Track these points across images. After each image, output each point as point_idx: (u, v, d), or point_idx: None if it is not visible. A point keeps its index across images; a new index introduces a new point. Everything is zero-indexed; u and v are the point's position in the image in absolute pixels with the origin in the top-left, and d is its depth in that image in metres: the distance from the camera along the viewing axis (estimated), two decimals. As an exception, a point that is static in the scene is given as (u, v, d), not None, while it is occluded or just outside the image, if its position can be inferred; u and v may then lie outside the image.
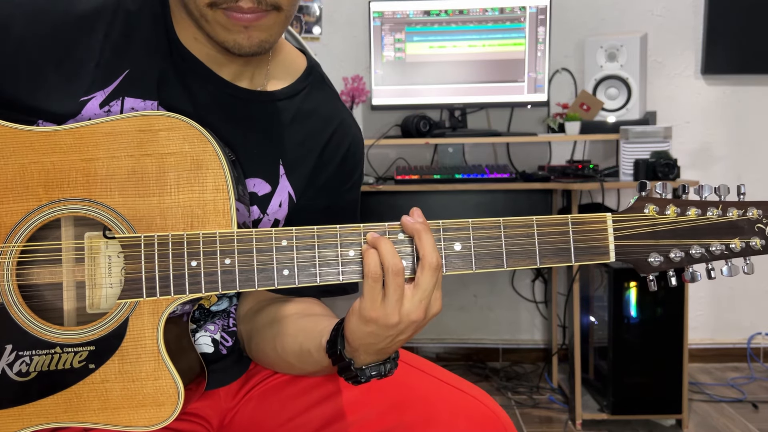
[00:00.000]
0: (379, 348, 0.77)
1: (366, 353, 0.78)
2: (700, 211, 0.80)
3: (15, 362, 0.80)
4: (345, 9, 2.93)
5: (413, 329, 0.76)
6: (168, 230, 0.79)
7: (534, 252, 0.79)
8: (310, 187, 0.99)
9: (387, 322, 0.74)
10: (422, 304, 0.75)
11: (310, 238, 0.78)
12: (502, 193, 2.54)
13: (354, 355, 0.79)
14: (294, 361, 0.90)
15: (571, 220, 0.79)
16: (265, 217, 0.96)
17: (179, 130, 0.80)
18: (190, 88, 0.91)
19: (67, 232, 0.83)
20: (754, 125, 2.95)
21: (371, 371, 0.80)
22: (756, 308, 3.00)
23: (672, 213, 0.80)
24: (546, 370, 2.85)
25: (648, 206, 0.80)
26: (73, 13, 0.87)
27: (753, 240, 0.80)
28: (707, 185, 0.81)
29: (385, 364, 0.80)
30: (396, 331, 0.75)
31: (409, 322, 0.75)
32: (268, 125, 0.96)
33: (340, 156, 1.02)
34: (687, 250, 0.80)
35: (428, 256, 0.74)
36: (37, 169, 0.81)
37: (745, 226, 0.80)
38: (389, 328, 0.75)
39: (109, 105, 0.88)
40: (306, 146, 0.99)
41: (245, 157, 0.93)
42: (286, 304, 0.96)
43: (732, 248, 0.80)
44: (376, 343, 0.77)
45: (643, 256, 0.80)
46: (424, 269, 0.74)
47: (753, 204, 0.81)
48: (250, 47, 0.86)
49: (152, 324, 0.79)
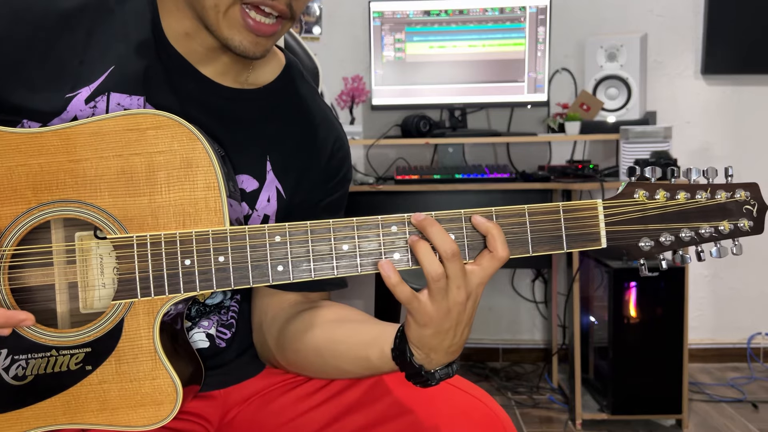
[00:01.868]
0: (447, 346, 0.79)
1: (437, 355, 0.79)
2: (689, 194, 0.81)
3: (11, 366, 0.80)
4: (345, 9, 2.93)
5: (464, 313, 0.77)
6: (160, 230, 0.79)
7: (526, 240, 0.79)
8: (298, 183, 0.99)
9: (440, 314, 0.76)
10: (461, 290, 0.76)
11: (303, 233, 0.78)
12: (502, 193, 2.54)
13: (426, 360, 0.80)
14: (350, 368, 0.90)
15: (562, 208, 0.79)
16: (254, 213, 0.96)
17: (168, 128, 0.80)
18: (175, 85, 0.91)
19: (57, 234, 0.82)
20: (754, 125, 2.94)
21: (441, 374, 0.81)
22: (756, 308, 3.00)
23: (661, 197, 0.80)
24: (546, 370, 2.84)
25: (638, 191, 0.80)
26: (56, 10, 0.87)
27: (741, 221, 0.81)
28: (695, 168, 0.81)
29: (452, 366, 0.82)
30: (450, 322, 0.77)
31: (457, 306, 0.76)
32: (253, 122, 0.96)
33: (327, 151, 1.02)
34: (677, 234, 0.80)
35: (443, 246, 0.76)
36: (24, 171, 0.80)
37: (733, 207, 0.81)
38: (443, 320, 0.76)
39: (94, 101, 0.87)
40: (292, 140, 0.99)
41: (232, 155, 0.93)
42: (321, 310, 0.95)
43: (721, 230, 0.81)
44: (442, 342, 0.78)
45: (633, 241, 0.80)
46: (447, 261, 0.76)
47: (740, 186, 0.82)
48: (255, 53, 0.86)
49: (148, 324, 0.79)
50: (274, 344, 0.98)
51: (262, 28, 0.84)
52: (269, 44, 0.87)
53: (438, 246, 0.75)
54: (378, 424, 0.90)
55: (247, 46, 0.85)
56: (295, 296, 0.99)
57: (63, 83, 0.86)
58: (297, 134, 0.99)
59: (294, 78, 1.02)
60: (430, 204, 2.53)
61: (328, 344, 0.90)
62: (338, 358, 0.90)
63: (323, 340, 0.91)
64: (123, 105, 0.88)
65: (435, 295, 0.76)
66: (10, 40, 0.85)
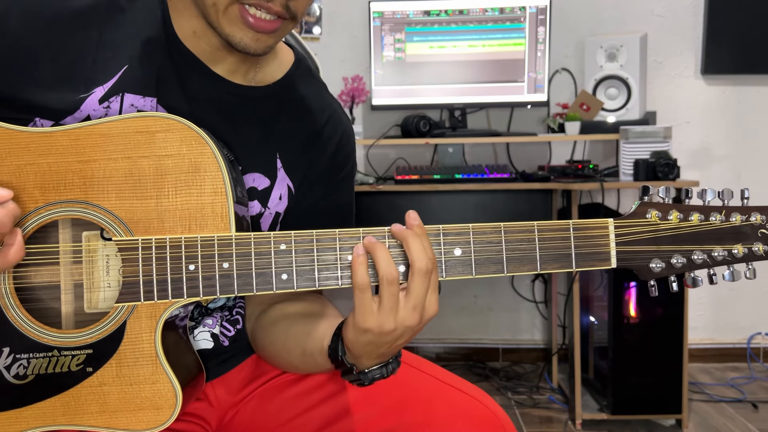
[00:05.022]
0: (380, 353, 0.78)
1: (368, 358, 0.78)
2: (702, 216, 0.79)
3: (12, 365, 0.80)
4: (345, 9, 2.93)
5: (410, 333, 0.76)
6: (166, 233, 0.79)
7: (535, 258, 0.78)
8: (306, 179, 0.99)
9: (382, 330, 0.74)
10: (416, 311, 0.74)
11: (308, 242, 0.78)
12: (502, 193, 2.54)
13: (356, 361, 0.79)
14: (298, 363, 0.91)
15: (572, 226, 0.78)
16: (266, 211, 0.96)
17: (177, 131, 0.80)
18: (186, 85, 0.91)
19: (65, 234, 0.82)
20: (754, 125, 2.94)
21: (374, 374, 0.80)
22: (756, 308, 3.00)
23: (675, 218, 0.79)
24: (546, 370, 2.85)
25: (650, 211, 0.79)
26: (69, 9, 0.87)
27: (756, 245, 0.79)
28: (710, 189, 0.80)
29: (388, 366, 0.81)
30: (393, 337, 0.75)
31: (405, 328, 0.75)
32: (264, 119, 0.96)
33: (333, 146, 1.02)
34: (689, 256, 0.79)
35: (417, 261, 0.74)
36: (33, 170, 0.80)
37: (748, 231, 0.79)
38: (385, 335, 0.75)
39: (108, 101, 0.87)
40: (300, 138, 0.99)
41: (243, 153, 0.93)
42: (288, 303, 0.96)
43: (734, 254, 0.79)
44: (376, 349, 0.77)
45: (644, 262, 0.79)
46: (414, 275, 0.74)
47: (757, 209, 0.80)
48: (255, 49, 0.86)
49: (150, 327, 0.79)
50: (251, 333, 1.00)
51: (262, 25, 0.84)
52: (271, 41, 0.87)
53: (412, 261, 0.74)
54: (378, 425, 0.90)
55: (248, 42, 0.85)
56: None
57: (76, 82, 0.86)
58: (305, 130, 1.00)
59: (302, 74, 1.02)
60: (430, 204, 2.53)
61: (283, 337, 0.91)
62: (289, 353, 0.90)
63: (280, 333, 0.92)
64: (136, 106, 0.88)
65: (385, 303, 0.74)
66: (23, 39, 0.85)
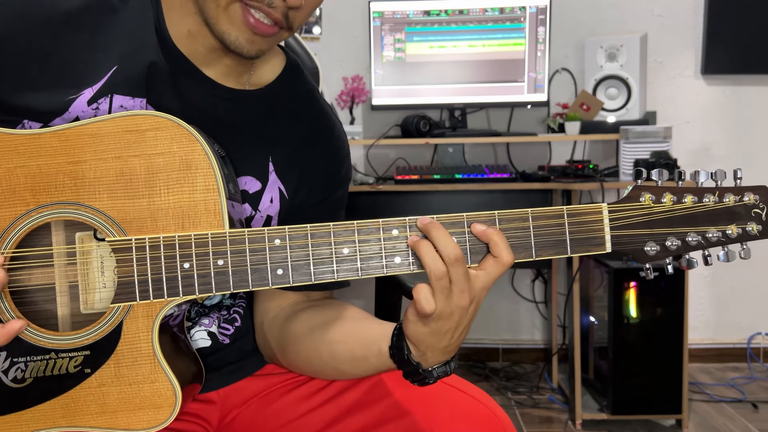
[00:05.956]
0: (444, 346, 0.78)
1: (433, 354, 0.79)
2: (696, 197, 0.79)
3: (10, 369, 0.80)
4: (345, 9, 2.93)
5: (469, 316, 0.77)
6: (159, 232, 0.79)
7: (530, 244, 0.78)
8: (301, 183, 0.99)
9: (441, 315, 0.76)
10: (464, 294, 0.76)
11: (303, 236, 0.78)
12: (502, 193, 2.54)
13: (422, 358, 0.80)
14: (347, 368, 0.90)
15: (566, 212, 0.78)
16: (257, 214, 0.96)
17: (167, 129, 0.79)
18: (178, 86, 0.91)
19: (58, 236, 0.82)
20: (754, 125, 2.94)
21: (438, 372, 0.81)
22: (756, 308, 2.99)
23: (668, 201, 0.79)
24: (546, 370, 2.85)
25: (644, 195, 0.79)
26: (60, 10, 0.86)
27: (750, 225, 0.79)
28: (703, 171, 0.79)
29: (450, 364, 0.81)
30: (453, 323, 0.76)
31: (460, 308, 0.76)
32: (256, 123, 0.96)
33: (328, 150, 1.02)
34: (683, 238, 0.79)
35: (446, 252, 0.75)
36: (23, 173, 0.79)
37: (741, 211, 0.79)
38: (445, 319, 0.76)
39: (97, 102, 0.87)
40: (293, 141, 0.98)
41: (234, 156, 0.93)
42: (320, 310, 0.95)
43: (729, 234, 0.79)
44: (440, 341, 0.78)
45: (639, 246, 0.79)
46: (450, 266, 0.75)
47: (750, 189, 0.80)
48: (248, 51, 0.86)
49: (147, 327, 0.79)
50: (275, 344, 0.98)
51: (261, 27, 0.84)
52: (265, 46, 0.87)
53: (441, 250, 0.75)
54: (378, 426, 0.90)
55: (242, 42, 0.85)
56: (297, 296, 0.99)
57: (66, 84, 0.86)
58: (298, 134, 0.99)
59: (294, 77, 1.02)
60: (430, 204, 2.53)
61: (327, 345, 0.90)
62: (336, 359, 0.90)
63: (321, 341, 0.91)
64: (126, 107, 0.88)
65: (438, 294, 0.76)
66: (12, 40, 0.84)
